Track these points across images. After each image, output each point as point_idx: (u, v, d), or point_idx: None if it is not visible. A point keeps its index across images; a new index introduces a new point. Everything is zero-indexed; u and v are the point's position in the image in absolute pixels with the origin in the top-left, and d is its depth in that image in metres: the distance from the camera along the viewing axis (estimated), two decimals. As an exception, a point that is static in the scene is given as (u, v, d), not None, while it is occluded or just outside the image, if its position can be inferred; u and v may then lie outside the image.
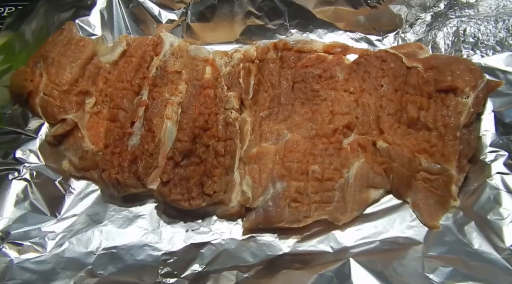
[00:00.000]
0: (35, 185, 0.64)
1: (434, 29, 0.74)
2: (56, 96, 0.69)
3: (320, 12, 0.82)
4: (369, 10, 0.80)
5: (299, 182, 0.60)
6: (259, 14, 0.82)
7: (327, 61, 0.71)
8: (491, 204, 0.54)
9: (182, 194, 0.60)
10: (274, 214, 0.58)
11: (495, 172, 0.56)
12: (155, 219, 0.63)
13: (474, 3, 0.73)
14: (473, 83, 0.60)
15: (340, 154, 0.62)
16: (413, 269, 0.52)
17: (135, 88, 0.69)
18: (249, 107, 0.68)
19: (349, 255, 0.54)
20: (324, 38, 0.81)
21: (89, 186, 0.68)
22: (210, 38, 0.84)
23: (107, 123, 0.68)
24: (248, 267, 0.56)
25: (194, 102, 0.66)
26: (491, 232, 0.52)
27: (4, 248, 0.59)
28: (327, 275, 0.52)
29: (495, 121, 0.60)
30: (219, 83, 0.68)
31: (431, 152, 0.59)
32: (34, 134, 0.69)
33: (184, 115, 0.64)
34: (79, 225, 0.63)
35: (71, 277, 0.57)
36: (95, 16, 0.81)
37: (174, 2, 0.84)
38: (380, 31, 0.80)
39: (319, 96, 0.68)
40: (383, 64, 0.68)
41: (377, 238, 0.57)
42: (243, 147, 0.64)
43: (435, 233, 0.56)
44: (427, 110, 0.61)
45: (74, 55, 0.72)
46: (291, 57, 0.71)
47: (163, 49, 0.71)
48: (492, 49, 0.66)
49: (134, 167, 0.63)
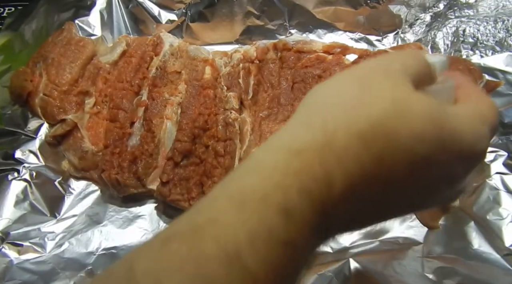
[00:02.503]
0: (34, 185, 0.64)
1: (434, 29, 0.74)
2: (55, 97, 0.69)
3: (320, 12, 0.82)
4: (368, 10, 0.80)
5: (298, 182, 0.60)
6: (259, 14, 0.82)
7: (327, 61, 0.71)
8: (490, 204, 0.54)
9: (182, 194, 0.60)
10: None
11: (495, 172, 0.56)
12: (155, 219, 0.63)
13: (474, 4, 0.73)
14: (472, 83, 0.60)
15: (340, 154, 0.62)
16: (413, 269, 0.52)
17: (135, 88, 0.69)
18: (249, 107, 0.68)
19: (349, 255, 0.54)
20: (324, 38, 0.81)
21: (89, 186, 0.68)
22: (210, 38, 0.84)
23: (107, 123, 0.68)
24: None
25: (193, 102, 0.66)
26: (491, 232, 0.52)
27: (4, 249, 0.59)
28: (327, 275, 0.52)
29: (494, 121, 0.60)
30: (219, 83, 0.68)
31: (430, 152, 0.59)
32: (34, 134, 0.68)
33: (184, 115, 0.64)
34: (79, 226, 0.63)
35: (71, 277, 0.57)
36: (95, 16, 0.81)
37: (174, 2, 0.84)
38: (380, 31, 0.80)
39: (319, 96, 0.68)
40: (382, 64, 0.68)
41: (377, 238, 0.57)
42: (243, 147, 0.64)
43: (435, 233, 0.56)
44: (427, 110, 0.61)
45: (74, 55, 0.72)
46: (291, 57, 0.71)
47: (163, 49, 0.71)
48: (491, 49, 0.66)
49: (134, 167, 0.63)
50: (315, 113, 0.27)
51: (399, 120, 0.25)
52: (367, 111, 0.25)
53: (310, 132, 0.26)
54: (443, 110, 0.27)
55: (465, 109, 0.29)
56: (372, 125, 0.25)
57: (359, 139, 0.25)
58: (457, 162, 0.28)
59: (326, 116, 0.26)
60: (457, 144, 0.27)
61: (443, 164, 0.27)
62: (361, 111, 0.25)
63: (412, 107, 0.26)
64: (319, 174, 0.24)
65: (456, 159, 0.27)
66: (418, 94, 0.27)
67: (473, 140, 0.28)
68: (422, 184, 0.27)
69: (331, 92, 0.29)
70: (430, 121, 0.25)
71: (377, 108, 0.25)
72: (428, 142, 0.25)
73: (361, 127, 0.25)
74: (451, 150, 0.26)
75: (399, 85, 0.27)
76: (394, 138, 0.25)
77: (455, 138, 0.26)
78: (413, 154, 0.25)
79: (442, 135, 0.26)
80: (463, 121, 0.28)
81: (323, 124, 0.26)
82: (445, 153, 0.26)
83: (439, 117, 0.26)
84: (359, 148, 0.24)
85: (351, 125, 0.25)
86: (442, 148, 0.26)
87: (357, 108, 0.26)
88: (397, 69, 0.28)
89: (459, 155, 0.27)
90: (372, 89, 0.27)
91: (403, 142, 0.25)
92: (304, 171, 0.24)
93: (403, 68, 0.28)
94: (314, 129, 0.26)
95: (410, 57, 0.30)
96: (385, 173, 0.25)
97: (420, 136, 0.25)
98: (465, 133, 0.27)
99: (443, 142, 0.26)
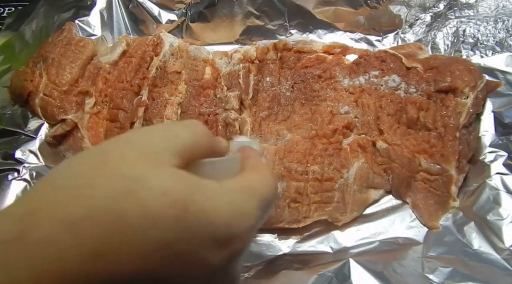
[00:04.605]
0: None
1: (434, 29, 0.74)
2: (56, 97, 0.69)
3: (320, 13, 0.82)
4: (368, 11, 0.80)
5: (298, 183, 0.60)
6: (259, 15, 0.82)
7: (327, 61, 0.71)
8: (490, 205, 0.54)
9: (182, 194, 0.60)
10: (273, 214, 0.58)
11: (495, 173, 0.56)
12: (155, 219, 0.63)
13: (474, 4, 0.73)
14: (472, 84, 0.60)
15: (340, 155, 0.62)
16: (412, 269, 0.52)
17: (135, 88, 0.69)
18: (249, 108, 0.68)
19: (349, 256, 0.54)
20: (324, 39, 0.81)
21: (89, 186, 0.68)
22: (210, 39, 0.84)
23: (107, 123, 0.68)
24: (248, 267, 0.56)
25: (194, 103, 0.66)
26: (491, 232, 0.52)
27: (4, 249, 0.59)
28: (327, 275, 0.52)
29: (494, 121, 0.60)
30: (219, 83, 0.68)
31: (430, 152, 0.59)
32: (34, 134, 0.68)
33: (184, 115, 0.64)
34: (79, 226, 0.63)
35: (71, 277, 0.57)
36: (95, 16, 0.81)
37: (174, 2, 0.84)
38: (380, 32, 0.80)
39: (319, 96, 0.68)
40: (382, 64, 0.68)
41: (376, 238, 0.57)
42: (243, 148, 0.64)
43: (435, 234, 0.56)
44: (427, 111, 0.61)
45: (74, 55, 0.72)
46: (291, 57, 0.71)
47: (163, 50, 0.71)
48: (491, 49, 0.66)
49: (134, 167, 0.63)
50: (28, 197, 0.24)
51: (128, 203, 0.21)
52: (88, 193, 0.21)
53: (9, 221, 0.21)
54: (194, 189, 0.23)
55: (235, 183, 0.27)
56: (89, 210, 0.21)
57: (66, 229, 0.20)
58: (213, 247, 0.23)
59: (34, 203, 0.22)
60: (208, 226, 0.23)
61: (193, 251, 0.22)
62: (79, 194, 0.22)
63: (149, 186, 0.22)
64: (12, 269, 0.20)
65: (210, 244, 0.23)
66: (163, 172, 0.23)
67: (231, 219, 0.24)
68: (175, 281, 0.23)
69: (65, 170, 0.24)
70: (168, 202, 0.22)
71: (104, 189, 0.22)
72: (165, 226, 0.21)
73: (72, 214, 0.21)
74: (200, 235, 0.22)
75: (146, 160, 0.23)
76: (121, 224, 0.21)
77: (203, 219, 0.23)
78: (147, 241, 0.21)
79: (185, 217, 0.22)
80: (222, 198, 0.24)
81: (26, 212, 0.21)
82: (194, 238, 0.22)
83: (183, 196, 0.22)
84: (64, 239, 0.20)
85: (56, 212, 0.21)
86: (187, 233, 0.22)
87: (77, 190, 0.22)
88: (156, 141, 0.25)
89: (212, 238, 0.23)
90: (107, 166, 0.23)
91: (133, 228, 0.21)
92: (4, 266, 0.20)
93: (165, 140, 0.25)
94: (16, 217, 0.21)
95: (182, 129, 0.27)
96: (108, 269, 0.20)
97: (153, 219, 0.21)
98: (220, 212, 0.24)
99: (186, 225, 0.22)
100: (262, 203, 0.27)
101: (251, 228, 0.25)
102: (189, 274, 0.23)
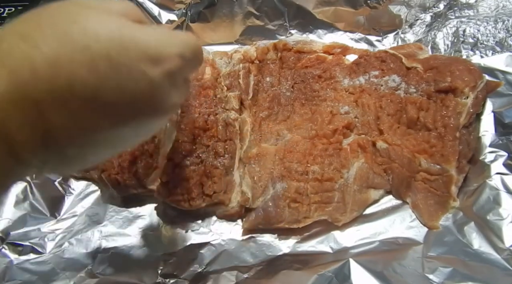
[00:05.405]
0: (34, 185, 0.64)
1: (434, 29, 0.74)
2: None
3: (320, 13, 0.82)
4: (368, 11, 0.80)
5: (299, 183, 0.60)
6: (259, 15, 0.83)
7: (327, 61, 0.71)
8: (490, 205, 0.54)
9: (182, 194, 0.60)
10: (274, 214, 0.58)
11: (495, 173, 0.56)
12: (155, 219, 0.63)
13: (474, 4, 0.73)
14: (472, 84, 0.60)
15: (340, 155, 0.62)
16: (412, 269, 0.52)
17: (135, 88, 0.69)
18: (249, 108, 0.68)
19: (349, 256, 0.54)
20: (324, 39, 0.81)
21: (89, 186, 0.68)
22: (210, 39, 0.84)
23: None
24: (248, 267, 0.56)
25: (193, 103, 0.66)
26: (491, 232, 0.52)
27: (4, 249, 0.59)
28: (327, 275, 0.52)
29: (494, 121, 0.60)
30: (219, 83, 0.68)
31: (430, 152, 0.59)
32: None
33: (184, 115, 0.64)
34: (79, 226, 0.63)
35: (71, 277, 0.57)
36: (95, 16, 0.81)
37: (174, 3, 0.84)
38: (380, 32, 0.80)
39: (319, 96, 0.68)
40: (382, 64, 0.68)
41: (376, 238, 0.57)
42: (243, 148, 0.64)
43: (435, 234, 0.56)
44: (427, 111, 0.61)
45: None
46: (291, 57, 0.72)
47: (163, 50, 0.71)
48: (491, 49, 0.66)
49: (134, 167, 0.63)
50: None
51: (76, 26, 0.28)
52: (49, 22, 0.29)
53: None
54: (131, 23, 0.31)
55: (166, 29, 0.37)
56: (48, 35, 0.27)
57: (20, 39, 0.27)
58: (148, 62, 0.31)
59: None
60: (141, 44, 0.30)
61: (132, 65, 0.30)
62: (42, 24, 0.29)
63: (96, 13, 0.30)
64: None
65: (145, 59, 0.30)
66: (112, 15, 0.31)
67: (159, 43, 0.32)
68: (112, 85, 0.29)
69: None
70: (108, 27, 0.29)
71: (59, 22, 0.29)
72: (105, 43, 0.28)
73: (28, 27, 0.28)
74: (135, 51, 0.30)
75: (100, 9, 0.31)
76: (68, 39, 0.27)
77: (137, 40, 0.30)
78: (93, 53, 0.28)
79: (121, 37, 0.29)
80: (153, 31, 0.32)
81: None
82: (130, 52, 0.29)
83: (120, 24, 0.30)
84: (24, 47, 0.27)
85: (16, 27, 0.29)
86: (124, 49, 0.29)
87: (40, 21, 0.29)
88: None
89: (145, 54, 0.30)
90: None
91: (78, 43, 0.27)
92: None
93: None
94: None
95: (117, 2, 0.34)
96: (64, 74, 0.27)
97: (95, 36, 0.28)
98: (151, 37, 0.31)
99: (122, 42, 0.29)
100: (185, 44, 0.35)
101: (177, 55, 0.33)
102: (136, 84, 0.30)
